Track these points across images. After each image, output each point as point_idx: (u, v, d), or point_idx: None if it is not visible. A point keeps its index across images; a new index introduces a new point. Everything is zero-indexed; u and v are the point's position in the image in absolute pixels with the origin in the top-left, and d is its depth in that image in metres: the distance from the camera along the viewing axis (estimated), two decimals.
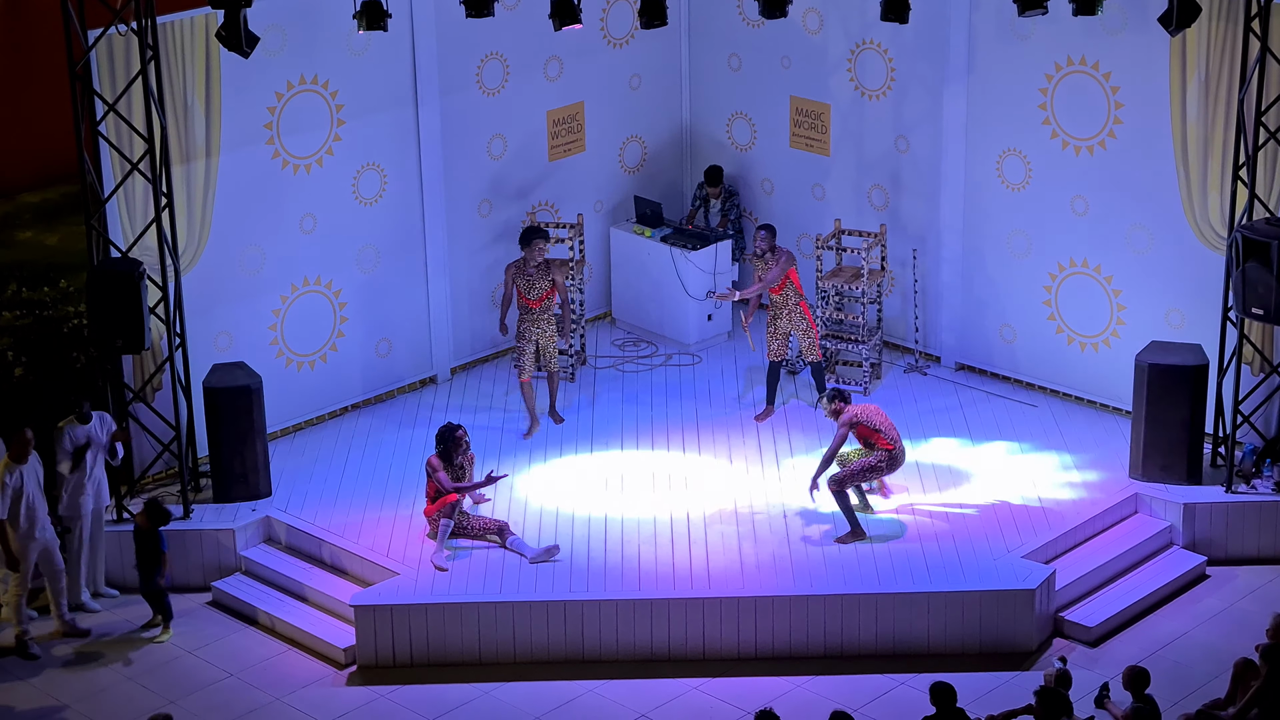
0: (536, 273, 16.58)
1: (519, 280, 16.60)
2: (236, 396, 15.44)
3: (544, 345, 16.71)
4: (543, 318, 16.67)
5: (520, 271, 16.59)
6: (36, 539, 14.42)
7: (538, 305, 16.64)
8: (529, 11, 17.01)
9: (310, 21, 15.95)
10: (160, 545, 14.59)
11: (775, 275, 16.53)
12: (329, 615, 14.78)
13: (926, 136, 17.34)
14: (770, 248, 16.62)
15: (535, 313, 16.65)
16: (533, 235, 16.55)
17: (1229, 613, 14.74)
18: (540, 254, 16.56)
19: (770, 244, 16.63)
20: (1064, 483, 15.77)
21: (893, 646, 14.28)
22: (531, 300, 16.62)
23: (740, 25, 18.34)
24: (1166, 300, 16.22)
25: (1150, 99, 15.81)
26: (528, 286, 16.59)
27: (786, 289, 16.64)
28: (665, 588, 14.43)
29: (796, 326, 16.74)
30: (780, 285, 16.66)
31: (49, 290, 16.79)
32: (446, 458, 15.03)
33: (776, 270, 16.51)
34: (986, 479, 15.86)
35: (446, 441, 15.04)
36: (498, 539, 14.95)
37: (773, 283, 16.58)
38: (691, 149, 19.11)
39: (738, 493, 15.75)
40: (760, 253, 16.65)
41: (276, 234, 16.31)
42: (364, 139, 16.66)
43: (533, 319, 16.64)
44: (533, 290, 16.61)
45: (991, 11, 16.52)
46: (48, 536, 14.52)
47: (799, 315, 16.71)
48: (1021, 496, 15.58)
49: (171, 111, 15.22)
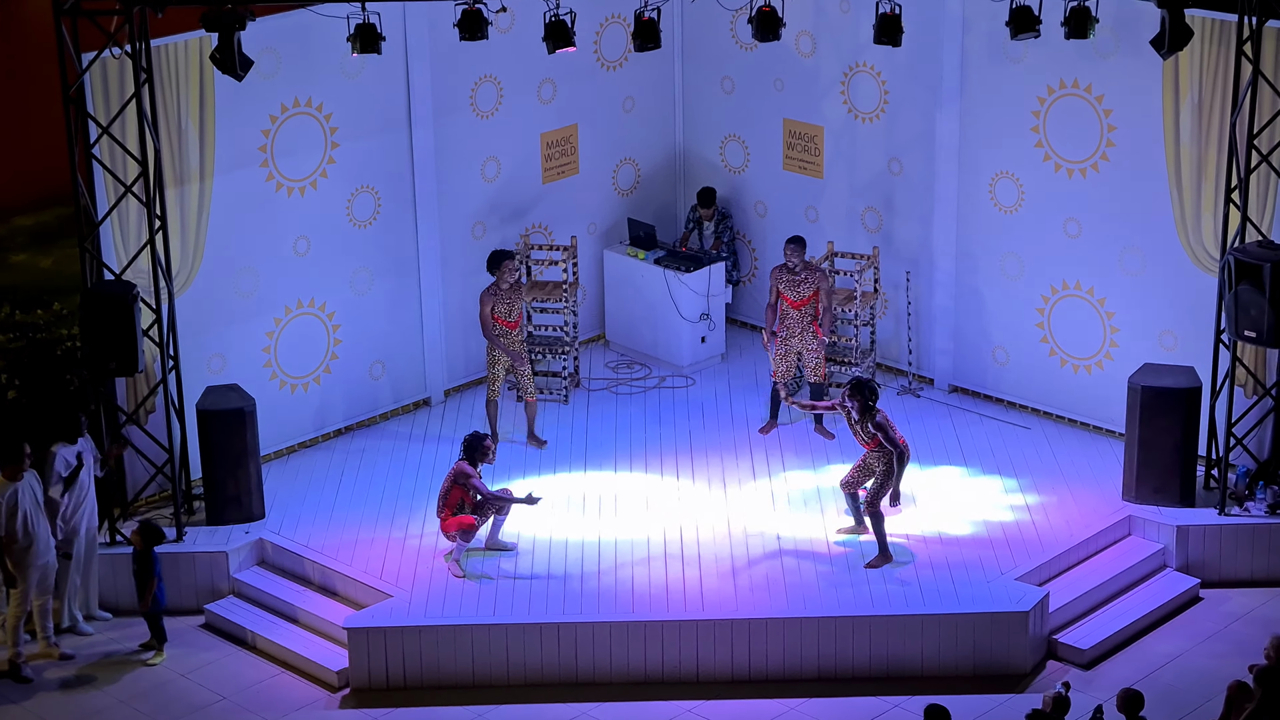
0: (511, 294, 16.59)
1: (498, 305, 16.60)
2: (230, 419, 15.43)
3: (518, 370, 16.68)
4: (516, 339, 16.68)
5: (498, 296, 16.60)
6: (39, 559, 14.39)
7: (514, 327, 16.65)
8: (523, 34, 17.04)
9: (304, 44, 15.97)
10: (153, 567, 14.57)
11: (829, 306, 16.67)
12: (322, 638, 14.77)
13: (919, 159, 17.38)
14: (805, 264, 16.63)
15: (513, 335, 16.66)
16: (501, 257, 16.55)
17: (1222, 635, 14.74)
18: (511, 274, 16.55)
19: (803, 259, 16.62)
20: (1057, 505, 15.77)
21: (887, 669, 14.27)
22: (509, 322, 16.63)
23: (733, 48, 18.38)
24: (1159, 323, 16.25)
25: (1143, 122, 15.85)
26: (506, 310, 16.61)
27: (808, 306, 16.65)
28: (659, 610, 14.43)
29: (807, 346, 16.75)
30: (805, 300, 16.65)
31: (42, 313, 16.79)
32: (472, 465, 15.06)
33: (827, 301, 16.59)
34: (980, 501, 15.86)
35: (474, 450, 15.02)
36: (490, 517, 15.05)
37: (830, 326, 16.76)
38: (685, 171, 19.14)
39: (731, 515, 15.75)
40: (794, 267, 16.62)
41: (270, 256, 16.32)
42: (358, 161, 16.68)
43: (509, 340, 16.64)
44: (511, 312, 16.62)
45: (984, 34, 16.56)
46: (49, 559, 14.50)
47: (811, 334, 16.72)
48: (1015, 519, 15.58)
49: (165, 134, 15.23)
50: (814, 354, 16.76)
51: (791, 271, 16.63)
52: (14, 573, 14.37)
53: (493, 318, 16.59)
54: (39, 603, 14.57)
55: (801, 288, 16.62)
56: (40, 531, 14.40)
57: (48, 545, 14.48)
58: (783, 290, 16.71)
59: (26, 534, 14.30)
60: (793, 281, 16.64)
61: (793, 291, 16.66)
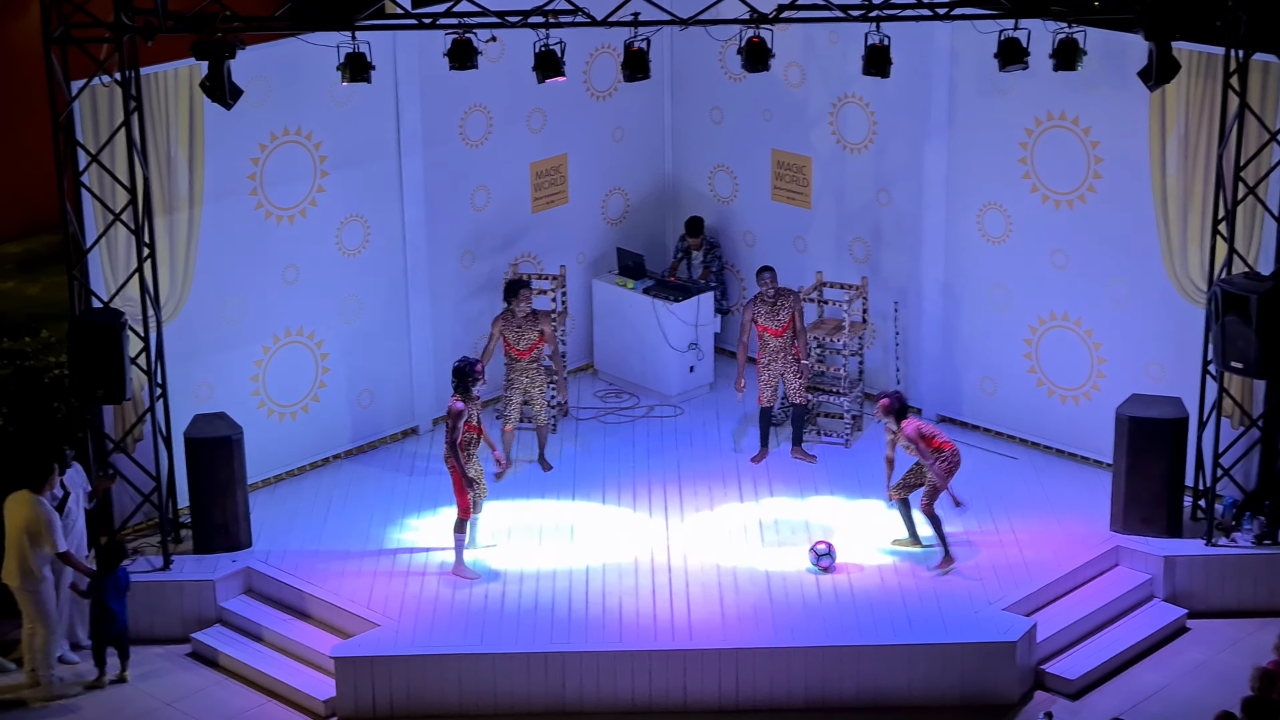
0: (524, 323, 16.64)
1: (507, 332, 16.66)
2: (217, 447, 15.42)
3: (534, 395, 16.76)
4: (531, 368, 16.72)
5: (508, 323, 16.65)
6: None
7: (526, 355, 16.70)
8: (512, 64, 17.08)
9: (294, 73, 15.99)
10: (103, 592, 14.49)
11: (802, 327, 16.84)
12: (309, 667, 14.73)
13: (908, 190, 17.42)
14: (778, 290, 16.71)
15: (524, 363, 16.71)
16: (518, 286, 16.66)
17: (1209, 665, 14.74)
18: (527, 304, 16.64)
19: (776, 286, 16.72)
20: (1045, 535, 15.78)
21: (874, 698, 14.26)
22: (520, 350, 16.68)
23: (722, 79, 18.42)
24: (1146, 353, 16.28)
25: (1130, 154, 15.90)
26: (516, 337, 16.65)
27: (789, 331, 16.71)
28: (647, 639, 14.41)
29: (788, 368, 16.80)
30: (785, 328, 16.72)
31: (30, 340, 16.78)
32: (465, 392, 15.13)
33: (800, 322, 16.76)
34: (967, 531, 15.86)
35: (465, 377, 15.12)
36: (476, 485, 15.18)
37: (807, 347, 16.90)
38: (674, 201, 19.17)
39: (719, 544, 15.74)
40: (770, 296, 16.70)
41: (259, 285, 16.32)
42: (347, 190, 16.70)
43: (521, 369, 16.70)
44: (522, 340, 16.67)
45: (972, 66, 16.61)
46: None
47: (791, 357, 16.78)
48: (1002, 549, 15.58)
49: (155, 162, 15.24)
50: (796, 376, 16.81)
51: (769, 302, 16.70)
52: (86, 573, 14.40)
53: (503, 343, 16.62)
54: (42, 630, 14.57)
55: (780, 315, 16.73)
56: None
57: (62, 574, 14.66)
58: (761, 322, 16.77)
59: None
60: (771, 311, 16.71)
61: (772, 321, 16.74)
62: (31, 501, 14.27)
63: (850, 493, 16.52)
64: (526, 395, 16.80)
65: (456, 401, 15.08)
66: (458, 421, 15.02)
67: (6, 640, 15.15)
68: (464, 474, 15.03)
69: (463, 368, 15.19)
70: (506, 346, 16.69)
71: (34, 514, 14.24)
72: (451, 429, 15.02)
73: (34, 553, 14.30)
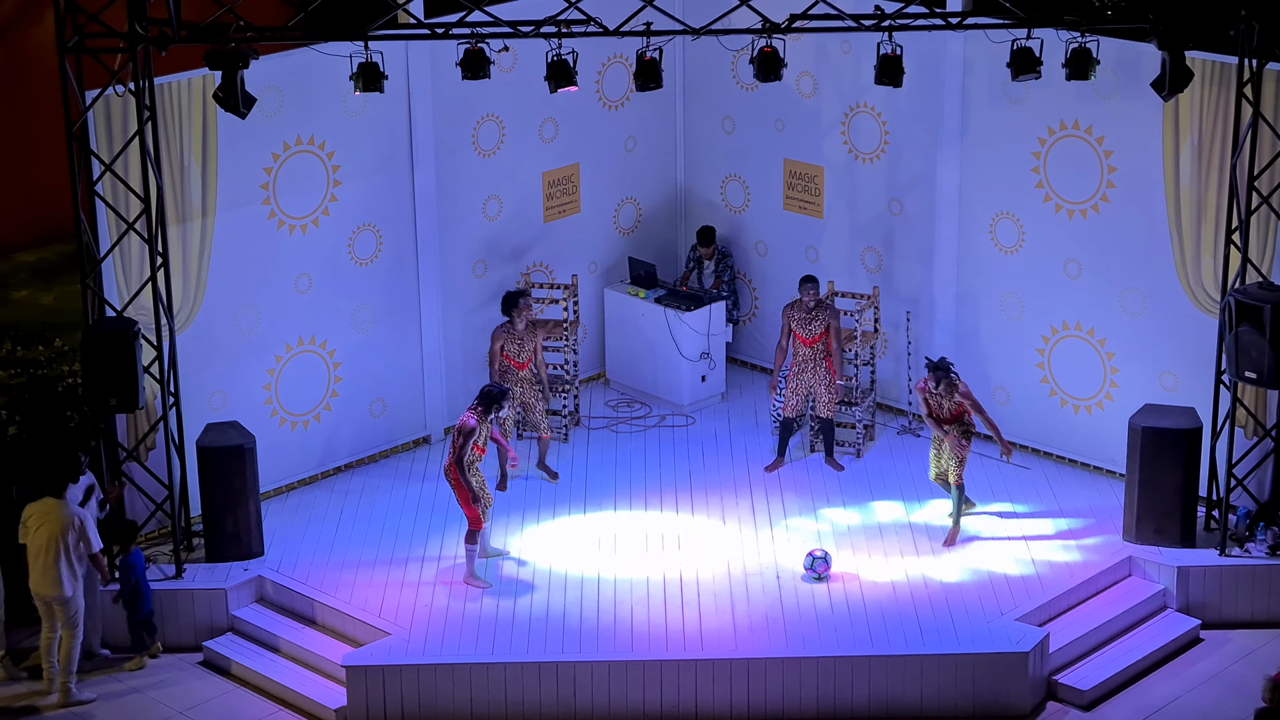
0: (525, 335, 16.65)
1: (508, 344, 16.66)
2: (230, 456, 15.43)
3: (530, 406, 16.74)
4: (527, 380, 16.73)
5: (510, 335, 16.65)
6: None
7: (524, 368, 16.69)
8: (525, 74, 17.09)
9: (307, 83, 16.02)
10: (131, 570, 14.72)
11: (839, 347, 16.88)
12: (320, 675, 14.74)
13: (920, 199, 17.41)
14: (818, 302, 16.73)
15: (522, 375, 16.71)
16: (517, 297, 16.65)
17: (1223, 676, 14.71)
18: (527, 314, 16.63)
19: (818, 298, 16.76)
20: (1057, 546, 15.76)
21: (886, 709, 14.24)
22: (519, 363, 16.68)
23: (734, 88, 18.43)
24: (1160, 363, 16.25)
25: (1143, 163, 15.89)
26: (517, 350, 16.66)
27: (820, 343, 16.71)
28: (658, 649, 14.40)
29: (820, 381, 16.79)
30: (817, 338, 16.72)
31: (44, 349, 16.80)
32: (484, 413, 15.13)
33: (837, 341, 16.80)
34: (980, 541, 15.84)
35: (491, 401, 15.10)
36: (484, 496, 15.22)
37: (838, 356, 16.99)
38: (686, 211, 19.17)
39: (731, 554, 15.73)
40: (810, 305, 16.72)
41: (271, 294, 16.34)
42: (360, 200, 16.71)
43: (516, 379, 16.68)
44: (521, 353, 16.67)
45: (985, 76, 16.60)
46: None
47: (824, 370, 16.77)
48: (1015, 559, 15.56)
49: (168, 171, 15.27)
50: (827, 390, 16.79)
51: (806, 310, 16.69)
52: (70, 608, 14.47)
53: (502, 355, 16.63)
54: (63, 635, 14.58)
55: (814, 325, 16.70)
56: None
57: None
58: (795, 328, 16.76)
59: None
60: (805, 319, 16.70)
61: (805, 329, 16.72)
62: (59, 505, 14.29)
63: (863, 503, 16.51)
64: (523, 407, 16.77)
65: (470, 418, 15.05)
66: (468, 440, 14.99)
67: (19, 649, 15.15)
68: (470, 489, 15.01)
69: (493, 392, 15.16)
70: (505, 359, 16.69)
71: (67, 517, 14.25)
72: (460, 445, 15.00)
73: (74, 556, 14.30)
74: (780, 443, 17.12)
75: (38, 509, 14.36)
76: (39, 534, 14.28)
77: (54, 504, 14.31)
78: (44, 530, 14.26)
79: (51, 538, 14.24)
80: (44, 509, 14.32)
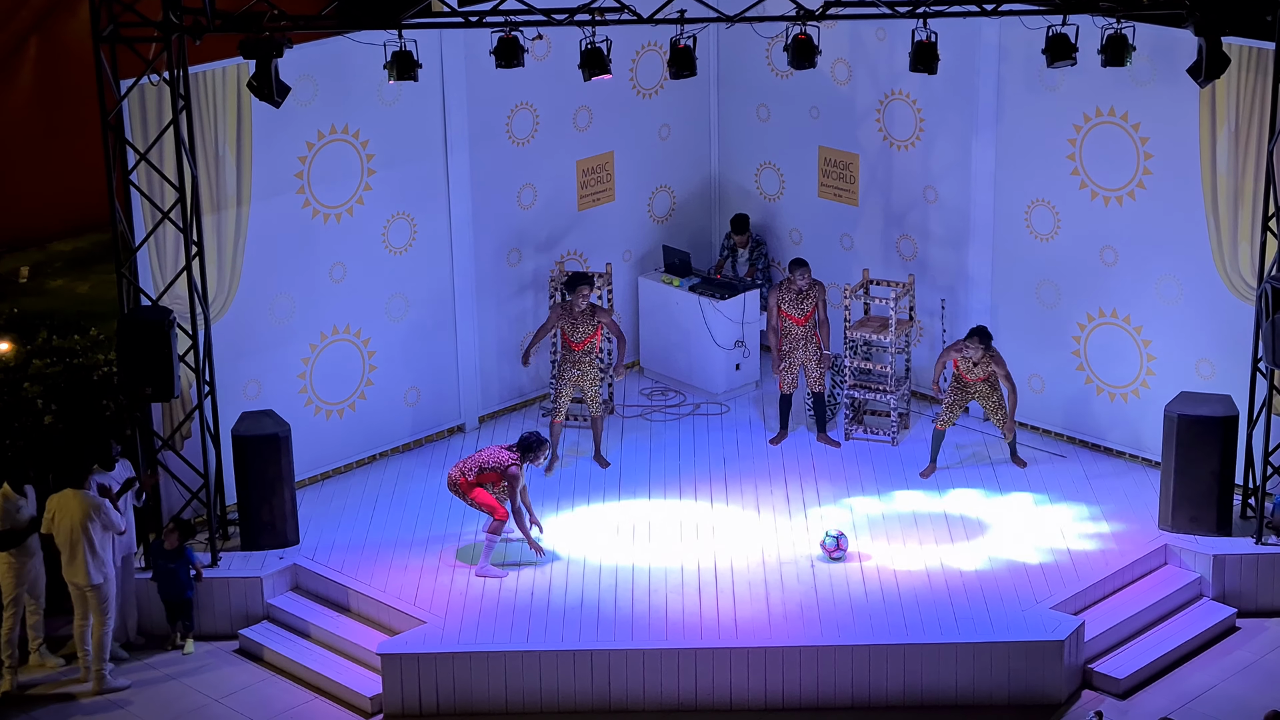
0: (581, 317, 16.68)
1: (564, 322, 16.70)
2: (265, 444, 15.47)
3: (586, 389, 16.80)
4: (584, 360, 16.77)
5: (567, 314, 16.69)
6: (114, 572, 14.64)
7: (580, 348, 16.74)
8: (559, 62, 17.09)
9: (341, 72, 16.04)
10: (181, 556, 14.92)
11: (825, 318, 17.12)
12: (356, 663, 14.78)
13: (955, 187, 17.36)
14: (810, 282, 16.92)
15: (577, 355, 16.75)
16: (579, 281, 16.71)
17: (1259, 665, 14.65)
18: (585, 299, 16.67)
19: (810, 280, 16.97)
20: (1093, 534, 15.71)
21: (921, 697, 14.22)
22: (575, 343, 16.73)
23: (769, 76, 18.39)
24: (1196, 351, 16.18)
25: (1180, 150, 15.81)
26: (572, 329, 16.70)
27: (813, 319, 16.80)
28: (693, 638, 14.40)
29: (810, 357, 16.86)
30: (808, 316, 16.79)
31: (79, 338, 16.86)
32: (522, 460, 15.27)
33: (824, 313, 17.06)
34: (1015, 529, 15.81)
35: (529, 450, 15.22)
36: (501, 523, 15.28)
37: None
38: (720, 199, 19.16)
39: (765, 542, 15.73)
40: (803, 287, 16.84)
41: (306, 283, 16.37)
42: (394, 188, 16.73)
43: (574, 361, 16.74)
44: (577, 333, 16.71)
45: (1020, 62, 16.54)
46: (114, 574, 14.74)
47: (813, 346, 16.87)
48: (1050, 547, 15.52)
49: (203, 161, 15.30)
50: (817, 365, 17.00)
51: (798, 291, 16.85)
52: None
53: (561, 335, 16.78)
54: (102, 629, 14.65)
55: (804, 304, 16.90)
56: (116, 545, 14.67)
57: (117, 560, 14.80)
58: (785, 309, 16.87)
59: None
60: (796, 300, 16.83)
61: (796, 309, 16.89)
62: (78, 495, 14.35)
63: (897, 490, 16.48)
64: (579, 389, 16.83)
65: (511, 463, 15.14)
66: (516, 485, 15.13)
67: (57, 636, 15.23)
68: (522, 514, 15.27)
69: (531, 440, 15.25)
70: (563, 338, 16.76)
71: (87, 505, 14.32)
72: (512, 491, 15.14)
73: (100, 543, 14.36)
74: (781, 416, 17.21)
75: (58, 500, 14.43)
76: (62, 524, 14.36)
77: (73, 494, 14.37)
78: (65, 520, 14.34)
79: (74, 527, 14.31)
80: (63, 499, 14.39)
